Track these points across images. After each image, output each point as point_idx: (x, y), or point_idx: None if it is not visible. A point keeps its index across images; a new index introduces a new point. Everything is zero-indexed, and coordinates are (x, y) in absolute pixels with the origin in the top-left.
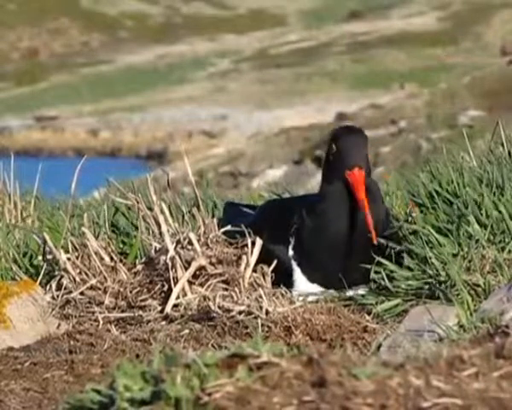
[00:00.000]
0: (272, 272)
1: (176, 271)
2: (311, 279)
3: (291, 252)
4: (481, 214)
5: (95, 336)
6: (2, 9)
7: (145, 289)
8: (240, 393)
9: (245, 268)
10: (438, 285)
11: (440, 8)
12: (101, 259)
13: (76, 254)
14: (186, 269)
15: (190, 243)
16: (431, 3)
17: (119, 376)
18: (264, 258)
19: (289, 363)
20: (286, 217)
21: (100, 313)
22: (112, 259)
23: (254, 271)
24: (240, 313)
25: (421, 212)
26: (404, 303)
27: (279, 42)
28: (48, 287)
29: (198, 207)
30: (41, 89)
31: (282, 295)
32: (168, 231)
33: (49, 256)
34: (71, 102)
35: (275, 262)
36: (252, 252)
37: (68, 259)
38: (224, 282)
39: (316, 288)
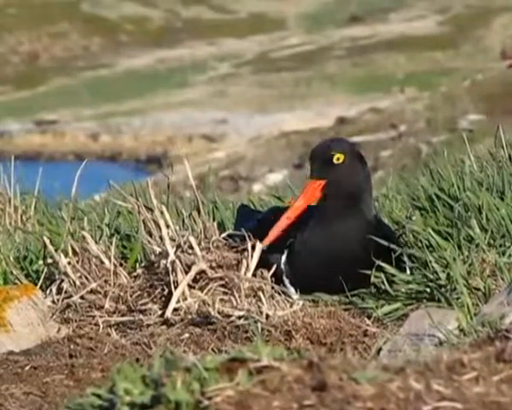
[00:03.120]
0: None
1: (176, 275)
2: (300, 292)
3: (282, 264)
4: (481, 218)
5: (95, 340)
6: (2, 13)
7: (145, 293)
8: (240, 397)
9: (245, 272)
10: (438, 289)
11: (440, 12)
12: (102, 263)
13: (76, 258)
14: (186, 273)
15: (191, 246)
16: (431, 7)
17: (119, 380)
18: (261, 264)
19: (289, 367)
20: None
21: (100, 316)
22: (112, 263)
23: (254, 275)
24: (240, 317)
25: (422, 215)
26: (404, 307)
27: (279, 46)
28: (48, 291)
29: (198, 211)
30: (41, 93)
31: (282, 297)
32: (168, 234)
33: (49, 260)
34: (71, 105)
35: (270, 270)
36: (252, 256)
37: (69, 263)
38: (224, 286)
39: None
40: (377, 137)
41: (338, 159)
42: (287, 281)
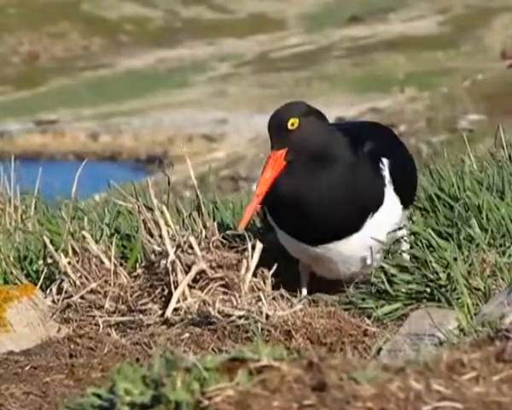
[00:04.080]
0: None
1: (176, 275)
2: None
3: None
4: (482, 218)
5: (95, 340)
6: (3, 13)
7: (145, 293)
8: (240, 397)
9: (245, 272)
10: (438, 289)
11: (441, 12)
12: (102, 263)
13: (76, 258)
14: (186, 273)
15: (191, 246)
16: (431, 7)
17: (119, 380)
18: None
19: (289, 367)
20: None
21: (100, 316)
22: (112, 263)
23: (254, 275)
24: (240, 317)
25: (422, 215)
26: (404, 307)
27: (279, 46)
28: (48, 291)
29: (199, 210)
30: (41, 93)
31: (282, 298)
32: (168, 234)
33: (49, 260)
34: (71, 105)
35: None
36: (252, 256)
37: (69, 263)
38: (224, 286)
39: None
40: None
41: (292, 124)
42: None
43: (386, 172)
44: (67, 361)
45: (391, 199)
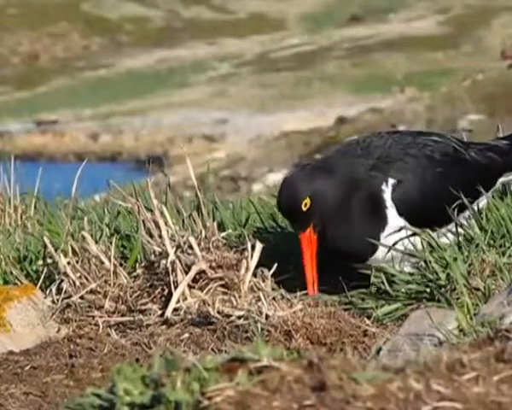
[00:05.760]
0: None
1: (176, 275)
2: None
3: None
4: (481, 218)
5: (95, 340)
6: (3, 13)
7: (145, 294)
8: (240, 397)
9: (245, 272)
10: (438, 289)
11: (440, 12)
12: (102, 263)
13: (76, 258)
14: (186, 273)
15: (190, 246)
16: (431, 7)
17: (119, 380)
18: None
19: (289, 367)
20: None
21: (100, 317)
22: (112, 263)
23: (254, 275)
24: (240, 317)
25: None
26: (404, 307)
27: (279, 46)
28: (48, 291)
29: (199, 210)
30: (41, 93)
31: (282, 298)
32: (168, 234)
33: (49, 260)
34: (71, 106)
35: None
36: (252, 256)
37: (68, 263)
38: (223, 286)
39: None
40: None
41: (306, 205)
42: None
43: (387, 195)
44: (67, 361)
45: (395, 221)
